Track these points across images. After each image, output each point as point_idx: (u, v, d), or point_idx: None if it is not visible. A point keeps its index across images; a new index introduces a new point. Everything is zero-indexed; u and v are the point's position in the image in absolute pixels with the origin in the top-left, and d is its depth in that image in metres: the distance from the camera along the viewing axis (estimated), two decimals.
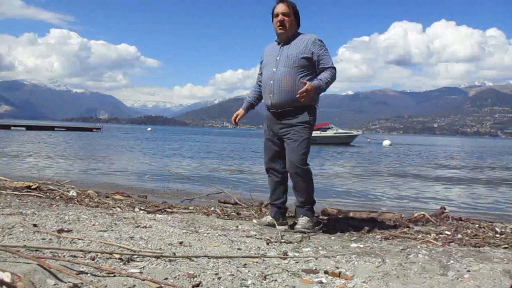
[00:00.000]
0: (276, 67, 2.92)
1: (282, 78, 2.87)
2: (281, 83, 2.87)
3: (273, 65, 2.95)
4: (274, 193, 3.11)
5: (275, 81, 2.90)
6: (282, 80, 2.87)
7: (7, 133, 29.03)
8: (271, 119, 3.02)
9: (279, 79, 2.88)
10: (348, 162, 15.27)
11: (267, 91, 2.96)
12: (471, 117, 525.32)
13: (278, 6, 2.94)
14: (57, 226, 2.49)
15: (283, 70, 2.88)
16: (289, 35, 2.95)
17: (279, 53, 2.96)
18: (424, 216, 3.71)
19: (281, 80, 2.87)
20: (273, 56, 2.98)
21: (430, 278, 1.84)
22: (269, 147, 3.07)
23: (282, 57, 2.92)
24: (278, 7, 2.94)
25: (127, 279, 1.57)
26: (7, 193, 3.92)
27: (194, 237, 2.42)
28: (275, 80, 2.90)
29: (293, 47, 2.91)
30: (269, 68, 2.97)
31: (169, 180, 6.72)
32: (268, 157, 3.09)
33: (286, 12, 2.91)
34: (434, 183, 9.19)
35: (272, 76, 2.92)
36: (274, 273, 1.81)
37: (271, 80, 2.92)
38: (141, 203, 4.09)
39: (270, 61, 2.99)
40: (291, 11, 2.93)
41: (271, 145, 3.06)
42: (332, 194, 6.65)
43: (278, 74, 2.89)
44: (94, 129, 46.79)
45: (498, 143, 74.55)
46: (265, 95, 3.01)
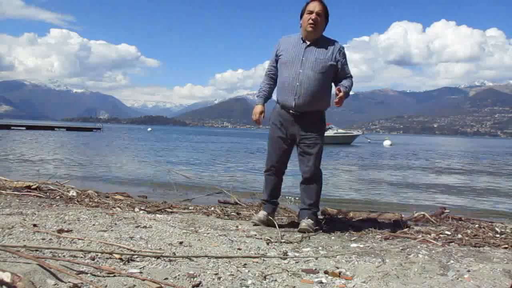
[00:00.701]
0: (303, 68, 2.85)
1: (309, 82, 2.83)
2: (308, 87, 2.83)
3: (298, 65, 2.86)
4: (273, 191, 3.12)
5: (302, 83, 2.83)
6: (309, 83, 2.83)
7: (7, 133, 29.03)
8: (289, 120, 2.94)
9: (307, 82, 2.83)
10: (348, 162, 15.27)
11: (290, 92, 2.87)
12: (471, 117, 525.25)
13: (315, 3, 2.87)
14: (57, 226, 2.49)
15: (311, 74, 2.84)
16: (317, 36, 2.91)
17: (304, 53, 2.88)
18: (424, 216, 3.71)
19: (308, 84, 2.83)
20: (298, 55, 2.89)
21: (430, 278, 1.84)
22: (280, 147, 3.00)
23: (310, 59, 2.86)
24: (314, 4, 2.86)
25: (127, 279, 1.57)
26: (7, 193, 3.92)
27: (194, 237, 2.42)
28: (302, 83, 2.83)
29: (321, 52, 2.88)
30: (294, 68, 2.87)
31: (169, 180, 6.71)
32: (277, 156, 3.02)
33: (321, 12, 2.86)
34: (434, 183, 9.19)
35: (298, 78, 2.85)
36: (274, 273, 1.81)
37: (297, 82, 2.84)
38: (141, 203, 4.09)
39: (295, 59, 2.88)
40: (324, 13, 2.90)
41: (282, 145, 2.99)
42: (332, 194, 6.65)
43: (305, 76, 2.83)
44: (94, 129, 46.81)
45: (498, 143, 74.53)
46: (287, 95, 2.90)
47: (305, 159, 2.94)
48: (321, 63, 2.85)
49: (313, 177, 2.94)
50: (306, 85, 2.84)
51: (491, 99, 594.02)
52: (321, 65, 2.85)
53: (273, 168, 3.06)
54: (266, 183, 3.14)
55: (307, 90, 2.84)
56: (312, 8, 2.85)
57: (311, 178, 2.94)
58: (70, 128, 46.05)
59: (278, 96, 3.01)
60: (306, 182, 2.97)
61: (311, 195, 2.96)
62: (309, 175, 2.93)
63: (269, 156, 3.08)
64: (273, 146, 3.03)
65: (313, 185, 2.96)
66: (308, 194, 2.96)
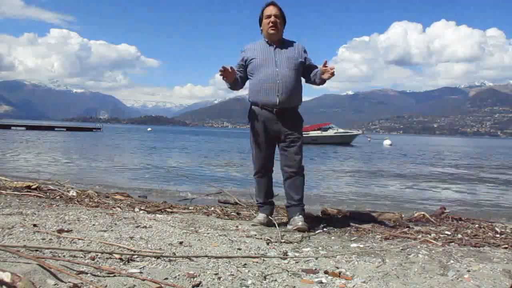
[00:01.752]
0: (278, 67, 2.96)
1: (287, 79, 2.97)
2: (288, 84, 2.96)
3: (272, 66, 2.98)
4: (267, 192, 3.15)
5: (282, 81, 2.95)
6: (288, 80, 2.97)
7: (7, 133, 29.03)
8: (270, 118, 3.00)
9: (286, 79, 2.96)
10: (348, 162, 15.27)
11: (272, 90, 2.94)
12: (471, 117, 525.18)
13: (270, 7, 3.04)
14: (57, 226, 2.49)
15: (288, 72, 2.97)
16: (280, 37, 3.08)
17: (275, 54, 3.02)
18: (424, 216, 3.71)
19: (287, 81, 2.96)
20: (270, 57, 3.01)
21: (430, 278, 1.84)
22: (266, 147, 3.06)
23: (282, 59, 3.00)
24: (270, 8, 3.04)
25: (127, 279, 1.57)
26: (7, 193, 3.92)
27: (194, 237, 2.42)
28: (282, 80, 2.95)
29: (290, 51, 3.06)
30: (269, 68, 2.97)
31: (169, 180, 6.72)
32: (265, 156, 3.07)
33: (278, 14, 3.03)
34: (434, 183, 9.19)
35: (277, 76, 2.95)
36: (274, 273, 1.81)
37: (277, 80, 2.94)
38: (141, 203, 4.09)
39: (268, 61, 3.00)
40: (281, 15, 3.06)
41: (268, 145, 3.06)
42: (332, 194, 6.65)
43: (283, 74, 2.96)
44: (94, 129, 46.87)
45: (498, 143, 74.52)
46: (269, 93, 2.96)
47: (290, 155, 3.01)
48: (293, 61, 3.02)
49: (299, 171, 3.02)
50: (286, 82, 2.96)
51: (491, 99, 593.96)
52: (294, 63, 3.02)
53: (262, 169, 3.10)
54: (258, 186, 3.16)
55: (287, 87, 2.96)
56: (269, 12, 3.02)
57: (297, 173, 3.01)
58: (70, 128, 46.07)
59: (256, 97, 3.03)
60: (292, 178, 3.02)
61: (298, 190, 3.03)
62: (296, 170, 3.00)
63: (256, 158, 3.11)
64: (258, 147, 3.08)
65: (299, 179, 3.03)
66: (295, 190, 3.02)
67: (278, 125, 3.00)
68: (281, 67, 2.97)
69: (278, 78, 2.94)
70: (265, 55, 3.03)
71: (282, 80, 2.94)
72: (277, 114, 2.98)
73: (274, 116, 2.99)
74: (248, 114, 3.14)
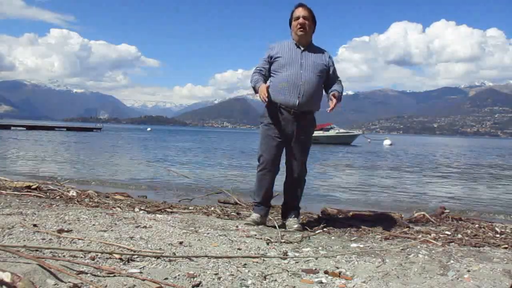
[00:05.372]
0: (303, 70, 2.96)
1: (310, 83, 2.96)
2: (309, 87, 2.96)
3: (298, 67, 2.97)
4: (266, 193, 3.10)
5: (305, 84, 2.94)
6: (310, 84, 2.96)
7: (7, 133, 29.02)
8: (289, 119, 2.98)
9: (308, 83, 2.95)
10: (349, 161, 15.27)
11: (294, 92, 2.93)
12: (471, 117, 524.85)
13: (300, 9, 3.02)
14: (57, 226, 2.49)
15: (311, 76, 2.97)
16: (308, 39, 3.06)
17: (302, 56, 3.00)
18: (424, 216, 3.71)
19: (309, 84, 2.96)
20: (296, 58, 3.00)
21: (430, 278, 1.84)
22: (277, 146, 3.03)
23: (308, 62, 3.00)
24: (299, 10, 3.02)
25: (127, 279, 1.57)
26: (7, 193, 3.92)
27: (194, 237, 2.42)
28: (305, 83, 2.94)
29: (317, 56, 3.05)
30: (294, 69, 2.96)
31: (169, 180, 6.72)
32: (274, 155, 3.04)
33: (307, 16, 3.01)
34: (434, 183, 9.19)
35: (301, 78, 2.94)
36: (274, 273, 1.81)
37: (300, 81, 2.94)
38: (141, 203, 4.09)
39: (294, 62, 2.98)
40: (311, 17, 3.03)
41: (279, 144, 3.03)
42: (332, 194, 6.65)
43: (307, 77, 2.96)
44: (94, 129, 46.85)
45: (498, 143, 74.52)
46: (290, 94, 2.94)
47: (298, 158, 3.05)
48: (319, 66, 3.03)
49: (303, 175, 3.09)
50: (308, 86, 2.95)
51: (491, 99, 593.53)
52: (319, 68, 3.03)
53: (268, 165, 3.05)
54: (259, 183, 3.10)
55: (308, 91, 2.95)
56: (298, 14, 3.01)
57: (300, 175, 3.07)
58: (70, 128, 46.07)
59: (276, 96, 2.99)
60: (295, 180, 3.07)
61: (298, 194, 3.11)
62: (300, 173, 3.07)
63: (264, 154, 3.07)
64: (268, 144, 3.04)
65: (300, 182, 3.11)
66: (296, 193, 3.10)
67: (293, 127, 2.99)
68: (305, 70, 2.96)
69: (301, 81, 2.93)
70: (292, 55, 3.01)
71: (305, 83, 2.93)
72: (294, 116, 2.97)
73: (291, 117, 2.98)
74: (266, 111, 3.06)
